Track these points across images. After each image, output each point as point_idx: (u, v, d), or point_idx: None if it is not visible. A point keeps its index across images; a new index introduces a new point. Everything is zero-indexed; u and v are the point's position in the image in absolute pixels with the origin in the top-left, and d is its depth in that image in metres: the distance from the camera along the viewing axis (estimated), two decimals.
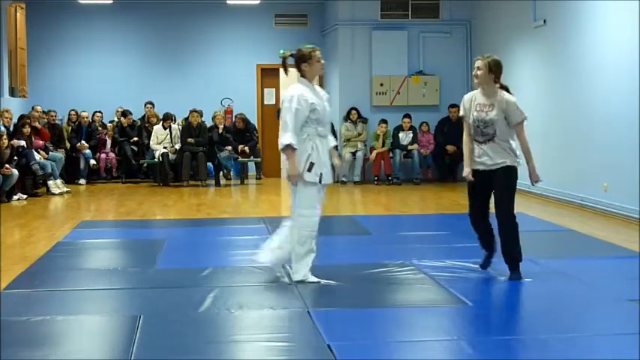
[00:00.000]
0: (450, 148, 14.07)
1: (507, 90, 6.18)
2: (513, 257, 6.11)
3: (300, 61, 6.08)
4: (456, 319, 5.25)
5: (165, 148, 14.10)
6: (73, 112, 14.90)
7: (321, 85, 16.48)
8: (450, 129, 14.07)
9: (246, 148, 14.56)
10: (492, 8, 13.84)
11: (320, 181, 6.01)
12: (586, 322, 5.14)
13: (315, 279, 6.04)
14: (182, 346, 4.51)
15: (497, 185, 6.10)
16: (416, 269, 6.51)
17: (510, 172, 6.10)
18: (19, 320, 5.06)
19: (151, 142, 14.29)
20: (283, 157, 6.02)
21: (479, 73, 6.11)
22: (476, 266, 6.50)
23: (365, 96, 14.84)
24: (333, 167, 6.11)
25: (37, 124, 13.35)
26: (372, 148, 14.44)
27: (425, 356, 4.43)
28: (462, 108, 6.32)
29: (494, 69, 6.09)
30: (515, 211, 6.09)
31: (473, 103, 6.20)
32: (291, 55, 6.12)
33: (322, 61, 6.20)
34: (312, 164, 5.93)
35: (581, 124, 10.60)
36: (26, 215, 10.39)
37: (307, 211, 6.04)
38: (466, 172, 6.19)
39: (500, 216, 6.09)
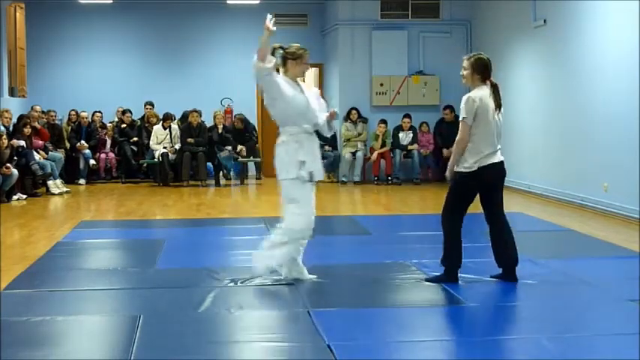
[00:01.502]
0: (445, 152, 13.67)
1: (496, 88, 6.02)
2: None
3: (289, 57, 6.05)
4: (455, 319, 5.26)
5: (165, 148, 14.10)
6: (73, 112, 14.90)
7: (321, 84, 16.55)
8: (448, 130, 14.05)
9: (243, 148, 14.52)
10: (492, 8, 13.84)
11: (311, 179, 6.02)
12: (586, 322, 5.15)
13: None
14: (182, 346, 4.51)
15: None
16: (416, 269, 6.51)
17: (455, 178, 5.99)
18: (19, 320, 5.06)
19: (150, 142, 14.30)
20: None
21: (464, 73, 6.04)
22: (475, 266, 6.50)
23: (365, 96, 14.84)
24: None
25: (36, 124, 13.35)
26: (372, 149, 14.45)
27: (425, 356, 4.43)
28: None
29: (478, 68, 5.98)
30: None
31: None
32: (281, 48, 6.07)
33: (309, 66, 6.20)
34: (302, 162, 5.96)
35: (581, 124, 10.60)
36: (26, 215, 10.39)
37: (299, 209, 6.00)
38: None
39: None
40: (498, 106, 6.00)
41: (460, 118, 5.95)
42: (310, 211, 6.06)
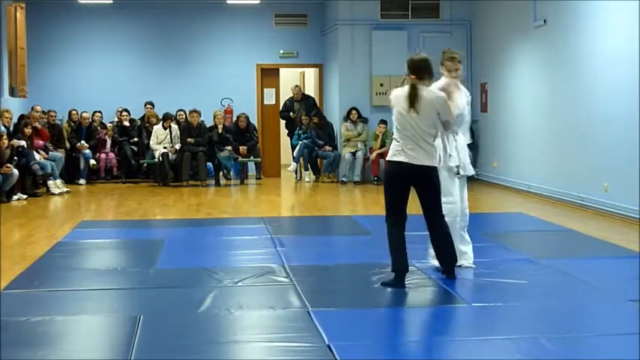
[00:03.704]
0: None
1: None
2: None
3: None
4: (456, 319, 5.26)
5: (165, 148, 14.10)
6: (74, 112, 14.88)
7: (321, 84, 16.56)
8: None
9: (245, 148, 14.53)
10: (492, 8, 13.84)
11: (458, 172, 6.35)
12: (586, 322, 5.15)
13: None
14: (182, 346, 4.51)
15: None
16: (416, 269, 6.50)
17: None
18: (19, 320, 5.06)
19: (151, 142, 14.29)
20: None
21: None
22: (475, 266, 6.50)
23: (365, 96, 14.84)
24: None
25: (37, 124, 13.35)
26: (372, 149, 14.46)
27: (425, 356, 4.44)
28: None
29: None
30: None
31: None
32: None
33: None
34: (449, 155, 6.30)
35: (582, 124, 10.60)
36: (26, 215, 10.39)
37: (444, 198, 6.21)
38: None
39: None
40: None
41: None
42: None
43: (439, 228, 6.08)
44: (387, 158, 6.08)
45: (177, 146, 14.14)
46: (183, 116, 14.74)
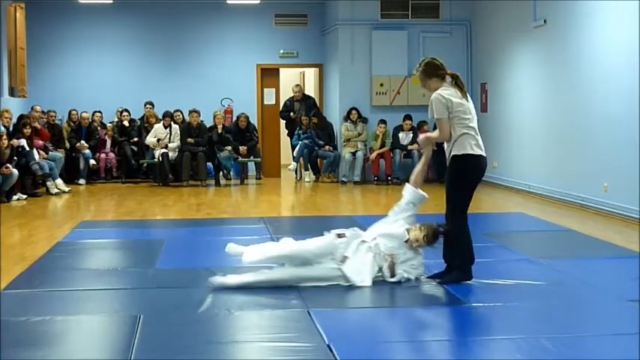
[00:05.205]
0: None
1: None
2: None
3: None
4: (455, 319, 5.25)
5: (165, 147, 14.09)
6: (74, 112, 14.88)
7: (321, 84, 16.55)
8: None
9: (245, 148, 14.53)
10: (492, 8, 13.84)
11: None
12: (586, 322, 5.15)
13: None
14: (182, 346, 4.51)
15: None
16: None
17: None
18: (19, 320, 5.05)
19: (147, 138, 14.22)
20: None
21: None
22: (474, 266, 6.49)
23: (365, 96, 14.84)
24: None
25: (36, 124, 13.35)
26: (372, 149, 14.46)
27: (425, 356, 4.43)
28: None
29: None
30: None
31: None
32: None
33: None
34: None
35: (581, 124, 10.60)
36: (26, 215, 10.38)
37: None
38: None
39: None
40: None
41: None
42: None
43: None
44: (469, 152, 5.83)
45: (175, 144, 14.11)
46: (180, 117, 14.74)
